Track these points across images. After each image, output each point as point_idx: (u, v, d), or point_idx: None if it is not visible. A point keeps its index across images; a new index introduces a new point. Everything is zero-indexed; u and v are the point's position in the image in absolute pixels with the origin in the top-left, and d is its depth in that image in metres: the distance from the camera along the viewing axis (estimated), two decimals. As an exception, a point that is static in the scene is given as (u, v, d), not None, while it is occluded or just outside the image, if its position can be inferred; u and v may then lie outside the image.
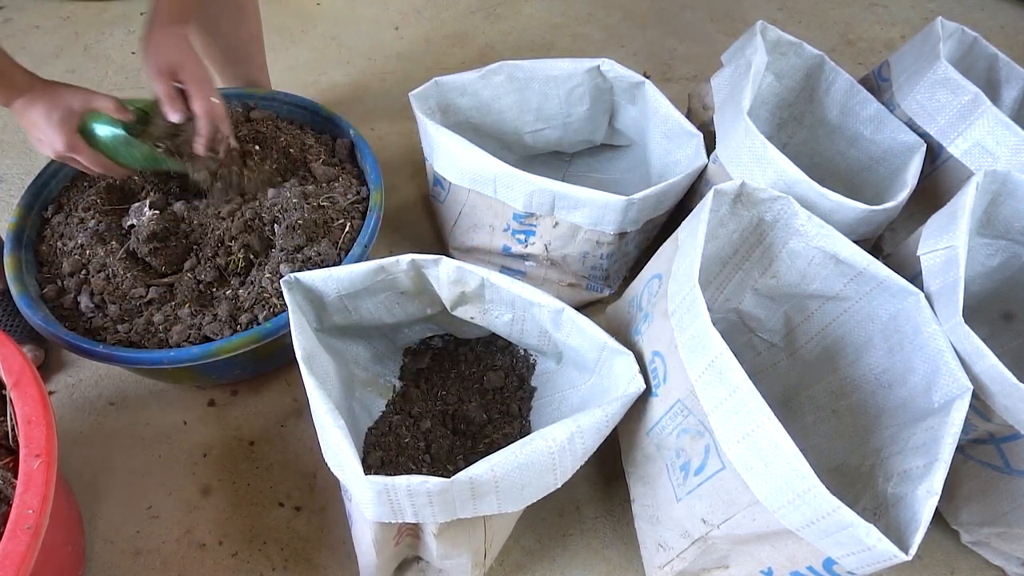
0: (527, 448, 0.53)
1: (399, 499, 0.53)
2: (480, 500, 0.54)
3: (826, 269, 0.74)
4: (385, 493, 0.52)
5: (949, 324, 0.63)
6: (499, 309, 0.71)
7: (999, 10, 1.72)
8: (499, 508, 0.55)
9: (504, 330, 0.74)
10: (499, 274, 0.67)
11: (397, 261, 0.67)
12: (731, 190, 0.71)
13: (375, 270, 0.67)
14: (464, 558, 0.65)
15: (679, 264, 0.64)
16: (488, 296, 0.69)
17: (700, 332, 0.57)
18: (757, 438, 0.52)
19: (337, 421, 0.54)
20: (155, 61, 0.76)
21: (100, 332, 0.78)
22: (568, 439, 0.55)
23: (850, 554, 0.50)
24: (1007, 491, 0.69)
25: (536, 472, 0.55)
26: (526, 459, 0.53)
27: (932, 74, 0.86)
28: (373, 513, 0.54)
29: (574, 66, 0.99)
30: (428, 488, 0.52)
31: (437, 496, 0.52)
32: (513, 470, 0.53)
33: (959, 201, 0.68)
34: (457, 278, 0.68)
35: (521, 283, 0.67)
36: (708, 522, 0.60)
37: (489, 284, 0.68)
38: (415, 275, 0.69)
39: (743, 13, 1.64)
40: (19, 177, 1.16)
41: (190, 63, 0.78)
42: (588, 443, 0.57)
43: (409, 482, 0.51)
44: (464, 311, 0.72)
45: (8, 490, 0.60)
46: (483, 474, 0.52)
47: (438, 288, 0.70)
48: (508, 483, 0.54)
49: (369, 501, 0.53)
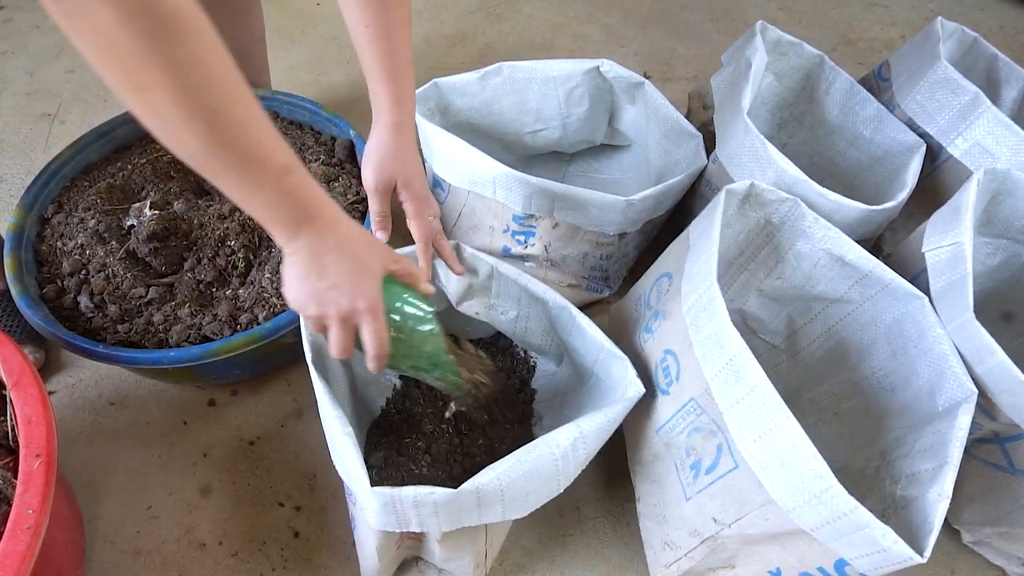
0: (532, 455, 0.53)
1: (405, 510, 0.52)
2: (485, 509, 0.54)
3: (832, 271, 0.74)
4: (391, 504, 0.52)
5: (959, 321, 0.63)
6: (504, 304, 0.71)
7: (999, 10, 1.72)
8: (503, 516, 0.55)
9: (508, 328, 0.74)
10: (507, 264, 0.67)
11: (411, 250, 0.68)
12: (741, 190, 0.71)
13: None
14: (466, 560, 0.65)
15: (692, 263, 0.64)
16: (495, 289, 0.70)
17: (718, 331, 0.57)
18: (774, 437, 0.52)
19: (345, 428, 0.54)
20: (378, 176, 0.67)
21: (100, 332, 0.78)
22: (571, 445, 0.55)
23: (864, 555, 0.50)
24: (1010, 491, 0.69)
25: (541, 479, 0.55)
26: (531, 466, 0.53)
27: (932, 74, 0.86)
28: (378, 522, 0.54)
29: (574, 67, 0.99)
30: (435, 499, 0.51)
31: (443, 507, 0.52)
32: (518, 478, 0.53)
33: (961, 198, 0.68)
34: (468, 265, 0.69)
35: (528, 276, 0.68)
36: (719, 521, 0.60)
37: (497, 274, 0.68)
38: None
39: (743, 13, 1.64)
40: (19, 177, 1.16)
41: (415, 181, 0.68)
42: (591, 447, 0.57)
43: (416, 493, 0.51)
44: (469, 306, 0.72)
45: (8, 490, 0.60)
46: (489, 483, 0.52)
47: (446, 281, 0.70)
48: (513, 491, 0.53)
49: (374, 511, 0.53)
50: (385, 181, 0.68)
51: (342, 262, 0.52)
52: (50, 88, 1.34)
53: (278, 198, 0.48)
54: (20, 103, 1.30)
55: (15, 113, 1.28)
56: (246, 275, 0.83)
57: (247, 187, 0.47)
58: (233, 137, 0.44)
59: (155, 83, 0.40)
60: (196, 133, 0.42)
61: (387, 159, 0.67)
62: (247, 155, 0.45)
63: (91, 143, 0.94)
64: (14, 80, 1.35)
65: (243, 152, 0.45)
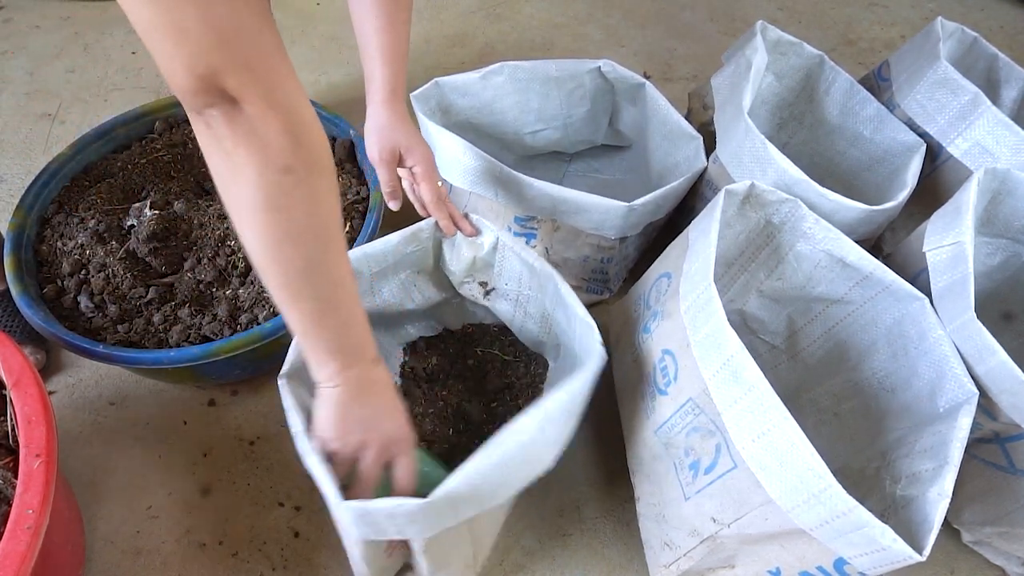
0: (499, 448, 0.52)
1: (379, 521, 0.52)
2: (463, 507, 0.53)
3: (832, 272, 0.74)
4: (365, 516, 0.51)
5: (960, 320, 0.63)
6: (506, 285, 0.71)
7: (999, 10, 1.72)
8: (482, 507, 0.54)
9: (507, 313, 0.74)
10: (509, 235, 0.70)
11: (425, 225, 0.70)
12: (741, 191, 0.71)
13: (408, 238, 0.69)
14: (453, 568, 0.65)
15: (691, 263, 0.64)
16: (497, 266, 0.70)
17: (715, 331, 0.57)
18: (773, 437, 0.52)
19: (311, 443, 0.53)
20: (381, 146, 0.70)
21: (100, 332, 0.78)
22: (539, 427, 0.53)
23: (863, 554, 0.50)
24: (1010, 491, 0.69)
25: (513, 467, 0.53)
26: (500, 458, 0.51)
27: (932, 74, 0.86)
28: (356, 533, 0.54)
29: (574, 67, 0.99)
30: (408, 510, 0.50)
31: (419, 515, 0.51)
32: (489, 472, 0.51)
33: (962, 197, 0.68)
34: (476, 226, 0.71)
35: (529, 249, 0.69)
36: (718, 521, 0.60)
37: (501, 245, 0.70)
38: (436, 243, 0.72)
39: (743, 13, 1.64)
40: (19, 177, 1.16)
41: (418, 147, 0.71)
42: (561, 426, 0.55)
43: (387, 505, 0.50)
44: (470, 288, 0.72)
45: (8, 490, 0.60)
46: (459, 487, 0.51)
47: (453, 255, 0.72)
48: (487, 486, 0.52)
49: (350, 523, 0.52)
50: (390, 150, 0.70)
51: (385, 395, 0.55)
52: (50, 88, 1.34)
53: (347, 328, 0.52)
54: (20, 103, 1.30)
55: (15, 113, 1.28)
56: (246, 275, 0.83)
57: (324, 317, 0.50)
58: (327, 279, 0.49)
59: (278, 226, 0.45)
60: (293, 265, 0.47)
61: (388, 130, 0.71)
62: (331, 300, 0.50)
63: (91, 143, 0.94)
64: (14, 80, 1.35)
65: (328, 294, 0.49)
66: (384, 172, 0.72)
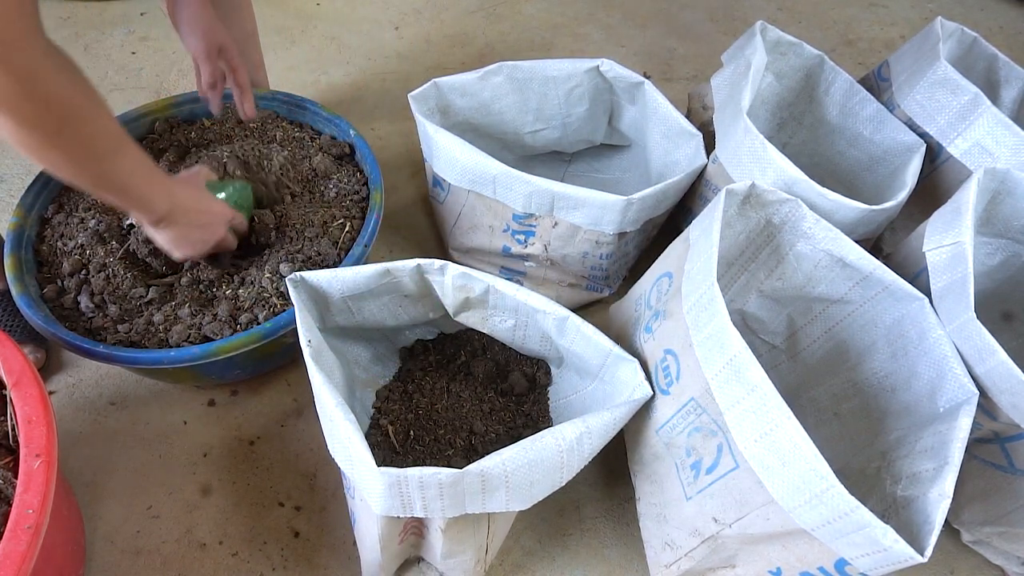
0: (537, 444, 0.54)
1: (410, 491, 0.53)
2: (490, 495, 0.55)
3: (832, 272, 0.74)
4: (396, 485, 0.52)
5: (960, 320, 0.63)
6: (502, 315, 0.71)
7: (999, 10, 1.72)
8: (507, 505, 0.56)
9: (506, 336, 0.74)
10: (504, 281, 0.67)
11: (403, 265, 0.67)
12: (741, 191, 0.71)
13: (380, 273, 0.67)
14: (467, 555, 0.65)
15: (693, 263, 0.64)
16: (492, 302, 0.70)
17: (718, 331, 0.57)
18: (775, 437, 0.52)
19: (348, 415, 0.54)
20: (204, 43, 0.77)
21: (100, 332, 0.78)
22: (577, 439, 0.56)
23: (864, 555, 0.50)
24: (1010, 491, 0.69)
25: (545, 469, 0.55)
26: (536, 455, 0.54)
27: (932, 74, 0.86)
28: (382, 507, 0.54)
29: (574, 66, 0.99)
30: (440, 479, 0.52)
31: (448, 488, 0.53)
32: (523, 465, 0.54)
33: (961, 197, 0.68)
34: (462, 284, 0.68)
35: (527, 290, 0.67)
36: (720, 521, 0.60)
37: (494, 291, 0.68)
38: (419, 280, 0.69)
39: (743, 13, 1.64)
40: (19, 177, 1.16)
41: (230, 42, 0.80)
42: (595, 444, 0.58)
43: (421, 473, 0.52)
44: (467, 317, 0.72)
45: (8, 490, 0.60)
46: (494, 467, 0.53)
47: (442, 294, 0.71)
48: (518, 478, 0.54)
49: (379, 495, 0.53)
50: (210, 45, 0.79)
51: (191, 214, 0.69)
52: (50, 88, 1.33)
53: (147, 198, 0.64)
54: (20, 103, 1.30)
55: (15, 113, 1.28)
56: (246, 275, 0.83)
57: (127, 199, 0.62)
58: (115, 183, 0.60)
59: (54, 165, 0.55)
60: (86, 183, 0.59)
61: (210, 29, 0.79)
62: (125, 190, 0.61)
63: (91, 143, 0.94)
64: (14, 80, 1.35)
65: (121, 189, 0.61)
66: (209, 67, 0.80)
